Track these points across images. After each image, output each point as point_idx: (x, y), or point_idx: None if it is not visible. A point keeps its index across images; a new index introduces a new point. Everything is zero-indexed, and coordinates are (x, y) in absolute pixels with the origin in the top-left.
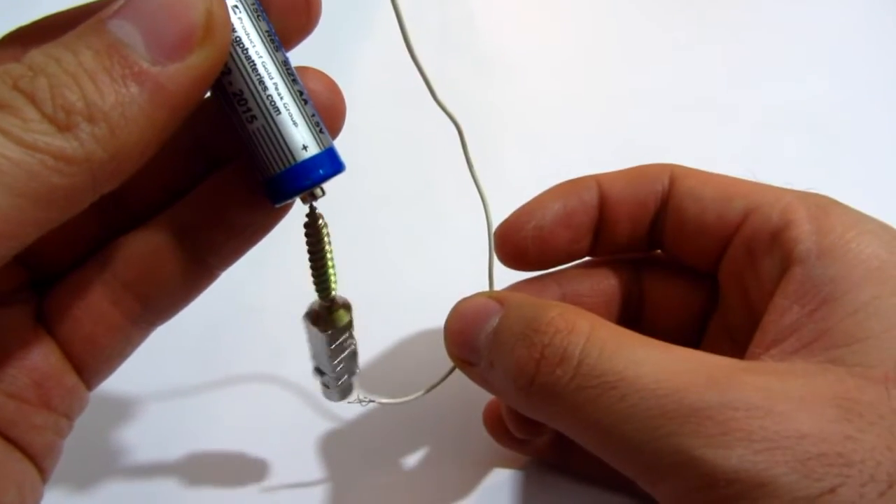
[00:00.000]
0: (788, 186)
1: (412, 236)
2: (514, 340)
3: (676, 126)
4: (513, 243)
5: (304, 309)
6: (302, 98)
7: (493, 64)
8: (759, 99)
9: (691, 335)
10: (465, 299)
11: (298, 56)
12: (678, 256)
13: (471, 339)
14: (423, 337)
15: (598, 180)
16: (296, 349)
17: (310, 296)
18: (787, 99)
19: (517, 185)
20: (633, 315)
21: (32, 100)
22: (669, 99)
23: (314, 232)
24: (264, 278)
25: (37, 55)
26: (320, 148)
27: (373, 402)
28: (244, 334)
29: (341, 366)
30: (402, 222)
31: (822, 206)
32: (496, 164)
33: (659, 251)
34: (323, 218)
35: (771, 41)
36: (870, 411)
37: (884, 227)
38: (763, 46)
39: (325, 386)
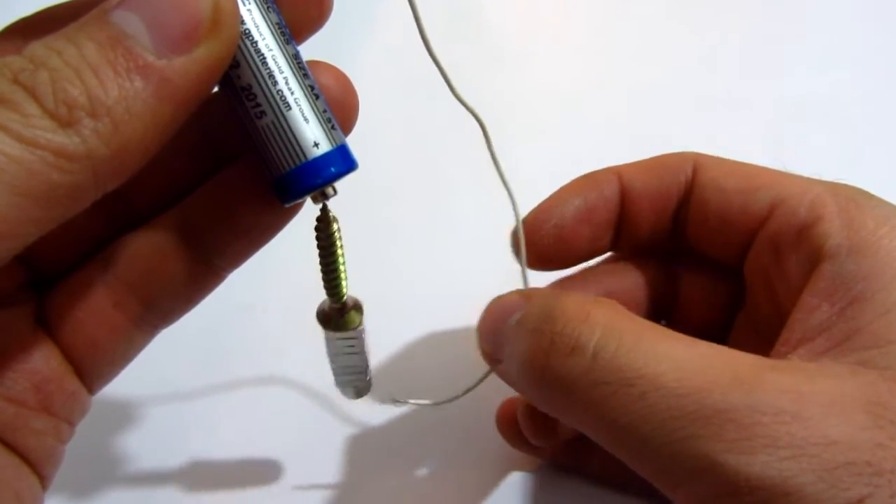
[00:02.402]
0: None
1: (422, 232)
2: (528, 330)
3: (692, 117)
4: (532, 243)
5: (307, 308)
6: (313, 93)
7: (502, 54)
8: (778, 89)
9: (720, 329)
10: (497, 296)
11: (301, 49)
12: (703, 250)
13: (497, 334)
14: (436, 337)
15: (618, 173)
16: (299, 349)
17: (314, 294)
18: (807, 89)
19: (528, 179)
20: (662, 310)
21: (33, 94)
22: (685, 89)
23: (326, 232)
24: (266, 276)
25: (38, 47)
26: (332, 145)
27: (407, 402)
28: (246, 334)
29: (351, 366)
30: (411, 218)
31: (852, 198)
32: (507, 157)
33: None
34: (335, 216)
35: (790, 29)
36: None
37: None
38: (781, 35)
39: (343, 382)
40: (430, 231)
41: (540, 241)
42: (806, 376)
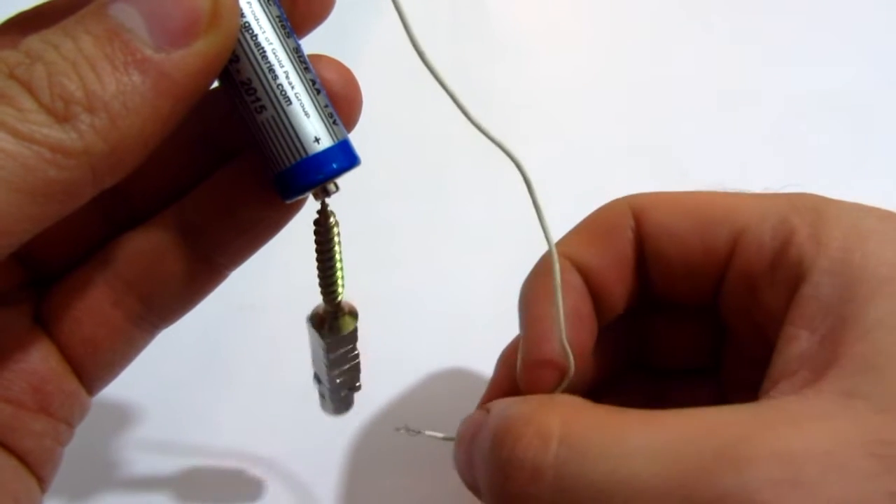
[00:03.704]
0: (794, 185)
1: (424, 230)
2: (483, 458)
3: (699, 113)
4: (535, 381)
5: (307, 308)
6: (314, 87)
7: (507, 48)
8: (785, 85)
9: (710, 368)
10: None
11: (302, 42)
12: (672, 298)
13: (471, 461)
14: (436, 343)
15: (568, 258)
16: (299, 349)
17: (314, 294)
18: (815, 86)
19: (534, 175)
20: (640, 356)
21: (29, 88)
22: (692, 84)
23: (325, 231)
24: (266, 276)
25: (34, 41)
26: (334, 140)
27: (419, 433)
28: (246, 334)
29: (341, 377)
30: (413, 215)
31: (815, 209)
32: (512, 151)
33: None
34: (334, 216)
35: (798, 24)
36: None
37: (884, 220)
38: (790, 30)
39: (322, 396)
40: (433, 229)
41: (546, 375)
42: (795, 426)
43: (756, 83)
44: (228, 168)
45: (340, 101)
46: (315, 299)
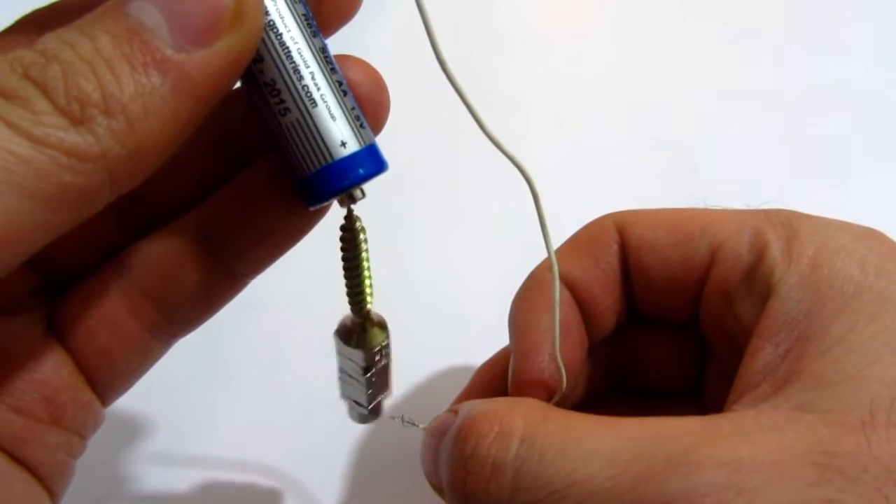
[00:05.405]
0: (804, 182)
1: (428, 233)
2: (447, 454)
3: (710, 107)
4: (537, 389)
5: (308, 306)
6: (341, 89)
7: (513, 41)
8: (796, 81)
9: (691, 383)
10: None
11: None
12: (655, 313)
13: (436, 460)
14: (437, 343)
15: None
16: (299, 348)
17: (315, 293)
18: (829, 79)
19: (539, 171)
20: (626, 378)
21: (44, 90)
22: (702, 78)
23: (351, 238)
24: (267, 275)
25: (50, 40)
26: (361, 145)
27: (415, 425)
28: (246, 334)
29: (373, 388)
30: (417, 217)
31: (789, 224)
32: (517, 147)
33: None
34: (361, 222)
35: (809, 19)
36: (850, 465)
37: (858, 238)
38: (804, 22)
39: (351, 407)
40: (439, 229)
41: (536, 393)
42: (745, 436)
43: (767, 79)
44: (249, 173)
45: (367, 104)
46: (317, 297)
